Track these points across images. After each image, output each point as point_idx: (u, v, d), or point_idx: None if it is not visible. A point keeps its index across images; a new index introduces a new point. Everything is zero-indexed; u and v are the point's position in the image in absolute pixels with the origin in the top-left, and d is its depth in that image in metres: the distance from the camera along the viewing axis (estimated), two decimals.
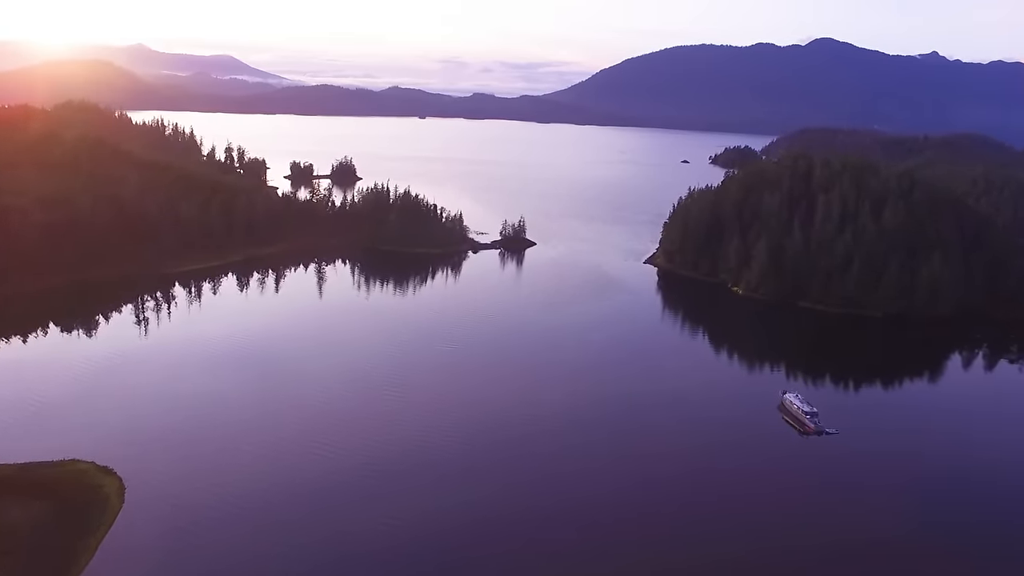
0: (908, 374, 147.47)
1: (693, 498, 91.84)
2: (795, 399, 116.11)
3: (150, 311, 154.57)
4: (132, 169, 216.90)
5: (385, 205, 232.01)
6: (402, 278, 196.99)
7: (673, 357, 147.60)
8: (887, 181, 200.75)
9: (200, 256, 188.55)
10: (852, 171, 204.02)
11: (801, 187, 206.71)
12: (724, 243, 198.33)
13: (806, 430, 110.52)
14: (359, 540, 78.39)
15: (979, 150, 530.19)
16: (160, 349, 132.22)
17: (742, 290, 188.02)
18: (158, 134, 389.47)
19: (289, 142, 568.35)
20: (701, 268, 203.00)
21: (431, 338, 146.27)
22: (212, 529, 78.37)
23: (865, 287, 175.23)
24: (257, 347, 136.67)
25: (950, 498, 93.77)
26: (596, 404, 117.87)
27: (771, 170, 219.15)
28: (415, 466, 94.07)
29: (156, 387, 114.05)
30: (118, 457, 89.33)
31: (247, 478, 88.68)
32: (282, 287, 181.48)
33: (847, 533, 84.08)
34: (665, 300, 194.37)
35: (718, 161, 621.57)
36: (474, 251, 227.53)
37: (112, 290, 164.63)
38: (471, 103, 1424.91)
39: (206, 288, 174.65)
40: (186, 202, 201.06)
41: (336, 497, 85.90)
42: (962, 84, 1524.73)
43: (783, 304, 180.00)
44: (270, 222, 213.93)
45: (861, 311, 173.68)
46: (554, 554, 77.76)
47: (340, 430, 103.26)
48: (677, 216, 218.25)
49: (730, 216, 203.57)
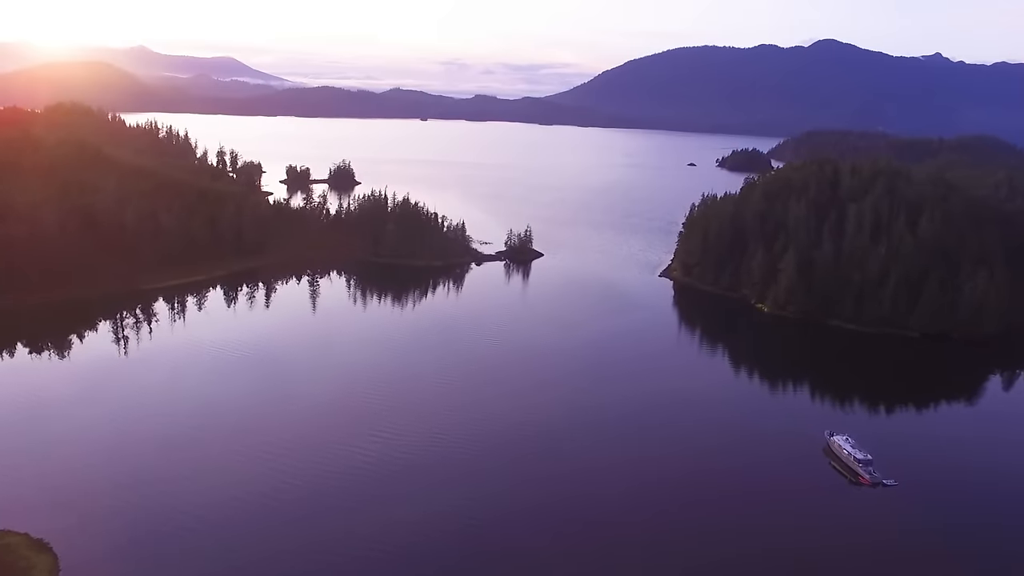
0: (960, 402, 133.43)
1: (737, 562, 77.94)
2: (845, 443, 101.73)
3: (113, 340, 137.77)
4: (113, 175, 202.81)
5: (383, 214, 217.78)
6: (399, 295, 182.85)
7: (699, 386, 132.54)
8: (922, 188, 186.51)
9: (181, 271, 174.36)
10: (885, 177, 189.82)
11: (828, 194, 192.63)
12: (747, 256, 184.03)
13: (861, 481, 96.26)
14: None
15: (993, 152, 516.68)
16: (118, 388, 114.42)
17: (768, 307, 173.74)
18: (151, 137, 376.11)
19: (288, 144, 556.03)
20: (722, 282, 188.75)
21: (428, 376, 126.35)
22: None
23: (902, 304, 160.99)
24: (229, 393, 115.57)
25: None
26: (617, 445, 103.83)
27: (795, 177, 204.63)
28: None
29: (113, 437, 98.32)
30: (56, 529, 74.53)
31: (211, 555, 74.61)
32: (268, 305, 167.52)
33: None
34: (685, 318, 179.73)
35: (725, 164, 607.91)
36: (477, 263, 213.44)
37: (75, 312, 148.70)
38: (473, 105, 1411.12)
39: (185, 306, 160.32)
40: (168, 211, 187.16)
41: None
42: (966, 86, 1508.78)
43: (813, 322, 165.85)
44: (259, 232, 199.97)
45: (898, 330, 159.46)
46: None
47: (319, 512, 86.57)
48: (695, 226, 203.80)
49: (753, 226, 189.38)
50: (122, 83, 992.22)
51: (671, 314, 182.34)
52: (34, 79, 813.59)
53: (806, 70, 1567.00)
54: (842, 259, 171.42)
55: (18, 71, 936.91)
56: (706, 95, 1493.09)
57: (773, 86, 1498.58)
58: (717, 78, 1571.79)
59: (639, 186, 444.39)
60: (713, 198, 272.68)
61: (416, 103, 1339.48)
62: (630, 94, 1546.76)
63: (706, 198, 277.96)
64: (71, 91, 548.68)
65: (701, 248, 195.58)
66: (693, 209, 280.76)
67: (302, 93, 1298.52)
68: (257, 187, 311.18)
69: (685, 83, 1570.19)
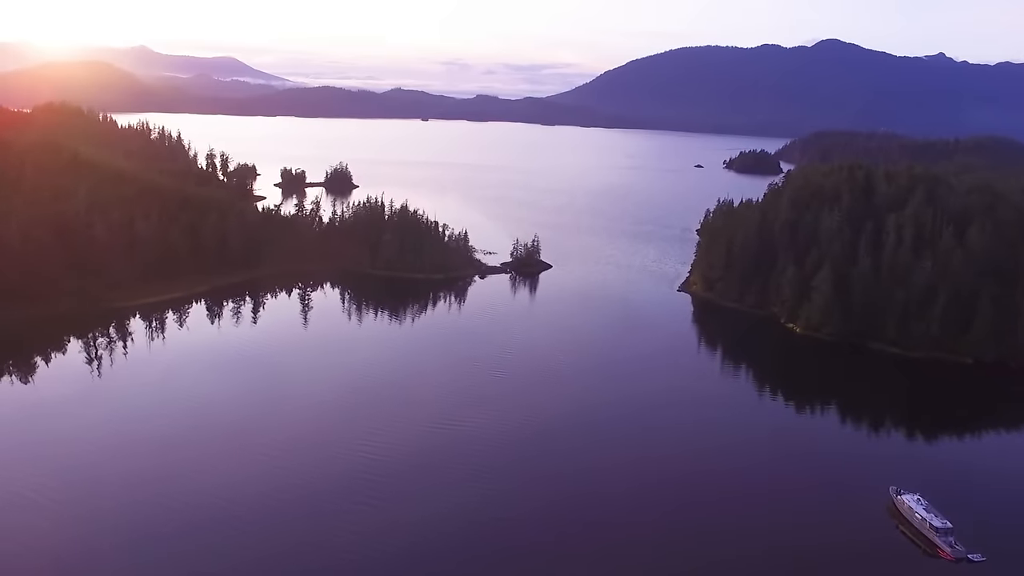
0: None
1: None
2: (918, 505, 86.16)
3: (75, 371, 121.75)
4: (89, 180, 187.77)
5: (380, 222, 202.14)
6: (397, 311, 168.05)
7: (732, 422, 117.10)
8: (966, 195, 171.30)
9: (157, 287, 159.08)
10: (924, 184, 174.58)
11: (863, 203, 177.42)
12: (776, 270, 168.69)
13: (940, 555, 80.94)
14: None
15: (1010, 153, 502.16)
16: (69, 443, 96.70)
17: (800, 327, 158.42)
18: (143, 138, 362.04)
19: (287, 145, 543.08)
20: (747, 299, 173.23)
21: (425, 418, 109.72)
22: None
23: (953, 326, 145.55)
24: (201, 438, 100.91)
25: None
26: (654, 508, 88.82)
27: (826, 183, 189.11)
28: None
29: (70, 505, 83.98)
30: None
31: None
32: (252, 326, 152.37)
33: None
34: (711, 339, 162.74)
35: (732, 166, 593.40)
36: (481, 276, 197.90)
37: (32, 335, 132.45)
38: (474, 105, 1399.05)
39: (157, 331, 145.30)
40: (146, 220, 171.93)
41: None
42: (970, 85, 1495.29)
43: (852, 345, 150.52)
44: (245, 243, 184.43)
45: (949, 355, 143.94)
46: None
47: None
48: (718, 236, 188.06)
49: (781, 238, 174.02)
50: (122, 83, 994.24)
51: (697, 336, 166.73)
52: (34, 79, 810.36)
53: (809, 70, 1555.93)
54: (882, 275, 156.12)
55: (18, 71, 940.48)
56: (708, 95, 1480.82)
57: (776, 86, 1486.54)
58: (719, 78, 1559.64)
59: (647, 189, 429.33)
60: (729, 204, 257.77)
61: (417, 103, 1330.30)
62: (632, 94, 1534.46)
63: (722, 204, 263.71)
64: (71, 91, 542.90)
65: (724, 261, 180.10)
66: (708, 215, 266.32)
67: (303, 93, 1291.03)
68: (249, 192, 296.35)
69: (687, 83, 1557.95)
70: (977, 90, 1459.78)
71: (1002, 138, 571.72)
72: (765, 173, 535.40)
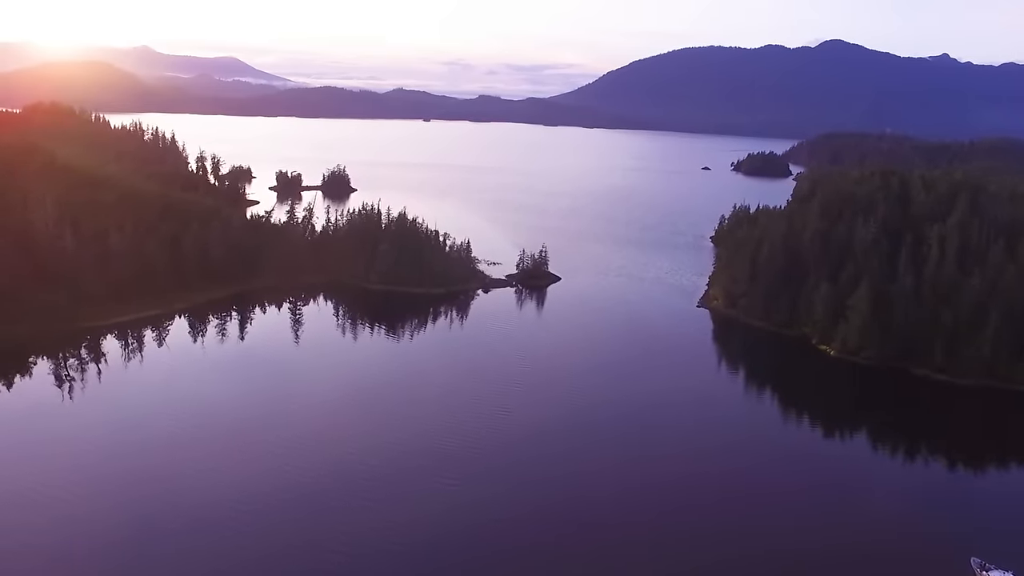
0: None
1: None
2: None
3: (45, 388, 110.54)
4: (61, 186, 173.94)
5: (376, 232, 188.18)
6: (394, 329, 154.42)
7: (772, 465, 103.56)
8: (1014, 204, 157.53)
9: (131, 304, 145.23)
10: (967, 192, 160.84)
11: (899, 213, 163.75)
12: (807, 287, 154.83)
13: None
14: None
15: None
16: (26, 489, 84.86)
17: (835, 350, 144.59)
18: (136, 139, 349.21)
19: (287, 146, 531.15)
20: (775, 317, 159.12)
21: (423, 465, 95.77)
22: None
23: (1007, 350, 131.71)
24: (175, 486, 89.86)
25: None
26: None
27: (858, 191, 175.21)
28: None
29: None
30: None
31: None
32: (235, 348, 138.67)
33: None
34: (736, 363, 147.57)
35: (741, 168, 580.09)
36: (484, 290, 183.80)
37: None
38: (476, 105, 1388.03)
39: (133, 351, 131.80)
40: (120, 231, 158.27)
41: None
42: (974, 86, 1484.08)
43: (893, 371, 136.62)
44: (230, 254, 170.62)
45: (1004, 383, 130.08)
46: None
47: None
48: (742, 248, 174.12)
49: (811, 250, 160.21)
50: (123, 83, 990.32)
51: (720, 359, 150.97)
52: (35, 79, 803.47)
53: (812, 70, 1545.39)
54: (924, 293, 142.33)
55: (19, 70, 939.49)
56: (711, 96, 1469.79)
57: (779, 86, 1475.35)
58: (722, 78, 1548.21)
59: (655, 193, 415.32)
60: (746, 210, 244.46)
61: (419, 103, 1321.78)
62: (634, 95, 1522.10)
63: (738, 210, 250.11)
64: (72, 91, 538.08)
65: (748, 274, 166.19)
66: (723, 222, 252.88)
67: (304, 93, 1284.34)
68: (241, 196, 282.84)
69: (690, 83, 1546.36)
70: (982, 91, 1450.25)
71: (1016, 139, 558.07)
72: (774, 175, 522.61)
